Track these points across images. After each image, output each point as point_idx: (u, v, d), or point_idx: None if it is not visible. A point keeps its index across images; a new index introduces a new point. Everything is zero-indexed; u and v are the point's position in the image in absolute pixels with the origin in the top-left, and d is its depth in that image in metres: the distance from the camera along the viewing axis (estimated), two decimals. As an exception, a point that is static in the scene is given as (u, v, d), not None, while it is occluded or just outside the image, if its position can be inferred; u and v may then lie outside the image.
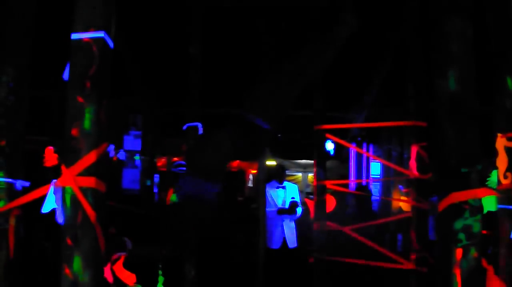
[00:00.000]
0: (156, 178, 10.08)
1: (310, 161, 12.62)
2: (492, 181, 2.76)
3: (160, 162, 11.65)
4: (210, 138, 3.47)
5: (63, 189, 2.04)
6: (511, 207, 2.44)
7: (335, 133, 5.07)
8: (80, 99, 2.03)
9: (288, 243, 5.64)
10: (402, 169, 4.97)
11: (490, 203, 2.48)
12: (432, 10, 2.34)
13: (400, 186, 8.27)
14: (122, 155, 9.13)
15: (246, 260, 5.40)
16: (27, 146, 2.90)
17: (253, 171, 13.03)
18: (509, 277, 2.38)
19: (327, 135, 4.96)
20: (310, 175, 14.40)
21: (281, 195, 5.78)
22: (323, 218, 4.81)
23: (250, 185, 13.16)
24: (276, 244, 5.61)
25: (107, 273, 3.31)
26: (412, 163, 4.46)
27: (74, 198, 2.02)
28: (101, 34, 2.05)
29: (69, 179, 2.01)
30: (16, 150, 2.74)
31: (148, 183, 9.37)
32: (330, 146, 11.58)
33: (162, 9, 5.80)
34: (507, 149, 2.49)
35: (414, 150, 4.45)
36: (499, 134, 2.53)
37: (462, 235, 2.03)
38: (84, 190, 2.01)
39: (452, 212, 2.08)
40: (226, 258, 5.65)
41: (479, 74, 2.25)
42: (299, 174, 15.41)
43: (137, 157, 9.55)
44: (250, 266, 4.99)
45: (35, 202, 2.51)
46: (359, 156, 12.32)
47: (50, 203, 2.24)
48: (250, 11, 5.36)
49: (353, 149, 11.79)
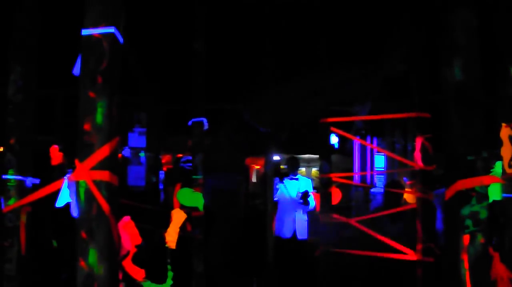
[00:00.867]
0: (162, 174, 10.11)
1: (314, 155, 12.65)
2: (496, 171, 2.78)
3: (165, 159, 11.68)
4: (217, 137, 3.53)
5: (77, 183, 2.06)
6: (516, 195, 2.48)
7: (339, 126, 5.09)
8: (91, 94, 2.06)
9: (298, 234, 5.68)
10: (407, 160, 4.99)
11: (495, 192, 2.52)
12: (438, 0, 2.36)
13: (405, 178, 8.30)
14: (127, 152, 9.17)
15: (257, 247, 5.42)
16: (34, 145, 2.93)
17: (256, 166, 13.06)
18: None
19: (332, 129, 4.98)
20: (314, 169, 14.42)
21: (294, 187, 5.81)
22: (329, 211, 4.85)
23: (254, 180, 13.19)
24: (286, 233, 5.65)
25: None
26: (417, 154, 4.49)
27: (88, 192, 2.04)
28: (111, 30, 2.07)
29: (83, 173, 2.04)
30: (25, 148, 2.79)
31: (154, 179, 9.41)
32: (334, 139, 11.58)
33: (166, 6, 5.83)
34: (511, 139, 2.53)
35: (418, 141, 4.47)
36: (504, 124, 2.57)
37: (469, 222, 2.07)
38: (98, 184, 2.04)
39: (459, 199, 2.11)
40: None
41: (483, 64, 2.28)
42: (303, 169, 15.44)
43: (142, 154, 9.58)
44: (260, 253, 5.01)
45: (43, 199, 2.54)
46: (363, 149, 12.33)
47: (64, 198, 2.27)
48: (253, 7, 5.38)
49: (357, 142, 11.81)
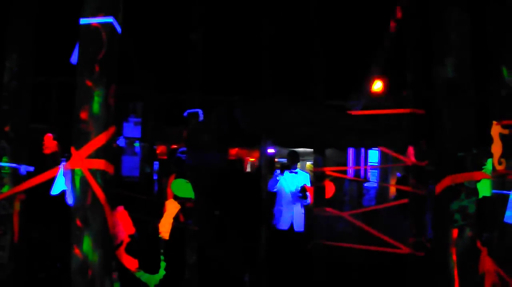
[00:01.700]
0: (156, 165, 10.11)
1: (308, 149, 12.68)
2: (487, 168, 2.82)
3: (160, 149, 11.67)
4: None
5: (73, 171, 2.08)
6: (505, 192, 2.52)
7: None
8: (89, 83, 2.07)
9: (295, 227, 5.72)
10: (400, 156, 5.03)
11: (485, 189, 2.56)
12: (432, 0, 2.39)
13: (398, 173, 8.38)
14: (122, 142, 9.16)
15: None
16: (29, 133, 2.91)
17: (251, 158, 13.08)
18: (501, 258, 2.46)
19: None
20: (308, 163, 14.45)
21: (292, 180, 5.84)
22: (324, 204, 4.89)
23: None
24: (284, 226, 5.70)
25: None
26: (410, 150, 4.53)
27: (84, 180, 2.06)
28: (109, 19, 2.08)
29: (78, 161, 2.06)
30: (20, 135, 2.77)
31: (148, 170, 9.41)
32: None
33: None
34: (502, 136, 2.56)
35: (412, 137, 4.50)
36: (494, 122, 2.60)
37: (458, 216, 2.11)
38: (93, 172, 2.06)
39: (448, 194, 2.16)
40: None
41: (476, 64, 2.32)
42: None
43: (136, 144, 9.56)
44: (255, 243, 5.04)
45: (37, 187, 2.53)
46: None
47: (60, 185, 2.28)
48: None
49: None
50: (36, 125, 7.15)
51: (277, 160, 12.94)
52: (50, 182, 2.40)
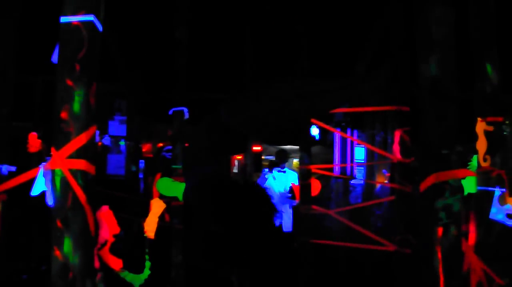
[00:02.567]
0: (142, 163, 10.03)
1: (294, 147, 12.69)
2: (472, 165, 2.84)
3: (146, 148, 11.59)
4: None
5: (53, 172, 2.04)
6: (490, 188, 2.53)
7: (320, 118, 5.10)
8: (69, 82, 2.03)
9: (284, 227, 5.70)
10: (386, 153, 5.05)
11: (470, 185, 2.57)
12: None
13: (384, 170, 8.42)
14: (107, 140, 9.08)
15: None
16: (10, 132, 2.86)
17: (238, 157, 13.05)
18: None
19: (312, 120, 4.99)
20: (295, 161, 14.47)
21: (281, 180, 5.81)
22: (310, 202, 4.88)
23: (235, 171, 13.19)
24: None
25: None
26: (396, 147, 4.54)
27: (64, 181, 2.02)
28: (90, 18, 2.04)
29: (59, 161, 2.02)
30: (1, 134, 2.72)
31: (133, 168, 9.34)
32: (315, 131, 11.64)
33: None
34: (487, 133, 2.58)
35: (397, 134, 4.52)
36: (479, 118, 2.61)
37: (442, 214, 2.11)
38: (74, 173, 2.01)
39: (433, 192, 2.16)
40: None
41: (461, 61, 2.32)
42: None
43: (122, 143, 9.49)
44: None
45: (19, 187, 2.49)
46: (343, 141, 12.43)
47: (40, 186, 2.23)
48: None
49: (337, 134, 11.89)
50: (21, 123, 7.07)
51: (264, 157, 12.94)
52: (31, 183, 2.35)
